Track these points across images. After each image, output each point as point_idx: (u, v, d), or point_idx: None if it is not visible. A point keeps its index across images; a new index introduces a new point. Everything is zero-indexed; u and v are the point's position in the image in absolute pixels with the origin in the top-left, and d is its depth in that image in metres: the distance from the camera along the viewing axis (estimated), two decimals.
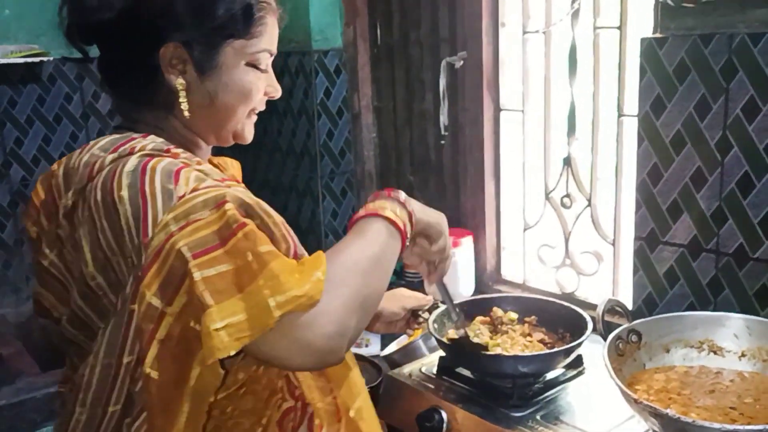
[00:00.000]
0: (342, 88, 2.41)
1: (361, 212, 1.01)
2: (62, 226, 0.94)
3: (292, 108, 2.45)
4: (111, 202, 0.87)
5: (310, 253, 0.93)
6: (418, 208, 1.08)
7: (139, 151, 0.93)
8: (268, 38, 1.04)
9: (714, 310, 1.44)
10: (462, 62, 2.03)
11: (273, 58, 1.07)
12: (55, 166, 1.01)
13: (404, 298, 1.50)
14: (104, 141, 0.97)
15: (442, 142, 2.16)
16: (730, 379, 1.29)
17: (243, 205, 0.88)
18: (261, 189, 2.68)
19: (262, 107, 1.09)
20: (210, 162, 1.13)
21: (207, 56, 0.99)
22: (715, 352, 1.34)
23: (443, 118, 2.10)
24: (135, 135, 0.97)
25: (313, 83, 2.35)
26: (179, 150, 0.97)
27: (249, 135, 1.10)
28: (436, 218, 1.13)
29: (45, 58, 2.31)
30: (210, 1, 0.99)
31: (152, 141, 0.96)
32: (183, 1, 0.97)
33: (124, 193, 0.87)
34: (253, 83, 1.04)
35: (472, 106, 2.02)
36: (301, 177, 2.50)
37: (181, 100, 1.00)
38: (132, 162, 0.90)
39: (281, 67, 2.44)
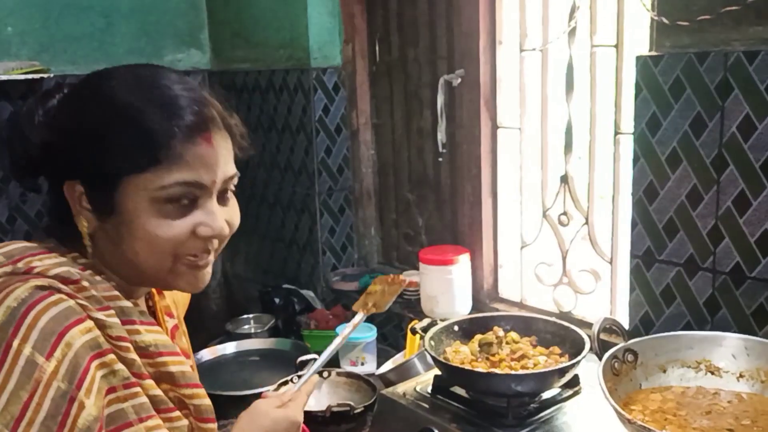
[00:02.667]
0: (340, 105, 2.41)
1: None
2: None
3: (291, 125, 2.45)
4: None
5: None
6: None
7: (38, 274, 0.81)
8: (183, 168, 0.85)
9: (711, 329, 1.43)
10: (460, 80, 2.03)
11: (216, 186, 0.89)
12: None
13: None
14: (11, 247, 0.87)
15: (440, 159, 2.16)
16: (727, 400, 1.27)
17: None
18: (259, 205, 2.68)
19: (205, 249, 0.91)
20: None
21: (101, 196, 0.86)
22: (712, 373, 1.32)
23: (441, 136, 2.10)
24: (50, 249, 0.87)
25: (312, 100, 2.36)
26: (88, 282, 0.84)
27: (190, 286, 0.93)
28: None
29: (46, 75, 2.32)
30: (100, 133, 0.85)
31: (60, 264, 0.84)
32: (78, 136, 0.86)
33: None
34: (160, 228, 0.86)
35: (470, 123, 2.02)
36: (298, 194, 2.50)
37: (85, 242, 0.88)
38: (20, 293, 0.79)
39: (280, 84, 2.45)
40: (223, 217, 0.91)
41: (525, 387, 1.36)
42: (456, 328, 1.60)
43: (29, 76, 2.29)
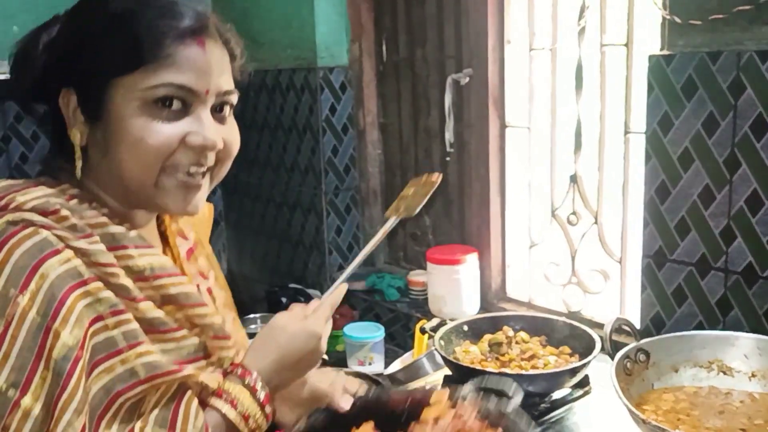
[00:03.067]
0: (347, 104, 2.41)
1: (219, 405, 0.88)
2: None
3: (297, 124, 2.45)
4: None
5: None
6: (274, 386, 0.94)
7: (15, 209, 0.80)
8: (173, 69, 0.84)
9: (723, 329, 1.42)
10: (468, 79, 2.02)
11: (209, 97, 0.88)
12: None
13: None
14: None
15: (448, 159, 2.15)
16: (740, 400, 1.27)
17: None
18: (266, 205, 2.68)
19: (197, 162, 0.87)
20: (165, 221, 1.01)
21: (92, 100, 0.85)
22: (724, 373, 1.32)
23: (449, 135, 2.10)
24: (38, 182, 0.86)
25: (319, 99, 2.35)
26: (70, 210, 0.83)
27: (177, 206, 0.89)
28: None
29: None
30: (91, 35, 0.85)
31: (40, 196, 0.83)
32: (70, 41, 0.86)
33: None
34: (146, 131, 0.83)
35: (478, 123, 2.02)
36: (305, 193, 2.50)
37: (76, 155, 0.86)
38: None
39: (287, 83, 2.44)
40: (220, 134, 0.89)
41: (536, 387, 1.36)
42: (465, 327, 1.59)
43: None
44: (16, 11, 2.37)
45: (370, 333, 1.91)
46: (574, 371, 1.37)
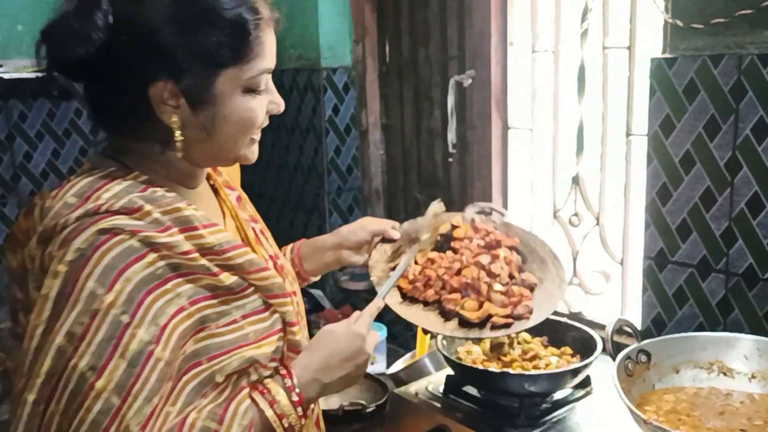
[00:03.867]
0: (350, 105, 2.42)
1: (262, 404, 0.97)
2: (27, 270, 0.93)
3: (300, 124, 2.46)
4: (45, 269, 0.87)
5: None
6: (312, 391, 1.02)
7: (106, 212, 0.89)
8: (265, 57, 0.97)
9: (723, 330, 1.43)
10: (470, 80, 2.03)
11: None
12: (37, 198, 0.98)
13: (368, 223, 1.40)
14: (81, 184, 0.93)
15: (450, 159, 2.16)
16: (740, 401, 1.28)
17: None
18: (269, 204, 2.69)
19: (266, 123, 1.05)
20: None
21: (199, 90, 0.94)
22: (725, 374, 1.33)
23: (451, 136, 2.10)
24: (117, 174, 0.94)
25: (322, 100, 2.36)
26: (150, 202, 0.92)
27: (253, 157, 1.05)
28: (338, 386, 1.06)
29: (56, 73, 2.32)
30: (194, 30, 0.92)
31: (121, 193, 0.92)
32: (167, 34, 0.91)
33: (57, 281, 0.86)
34: (253, 110, 0.98)
35: (480, 124, 2.03)
36: (308, 193, 2.51)
37: (176, 138, 0.95)
38: (88, 236, 0.87)
39: (290, 84, 2.45)
40: None
41: (538, 387, 1.37)
42: None
43: (40, 74, 2.29)
44: (18, 11, 2.38)
45: None
46: (575, 372, 1.38)
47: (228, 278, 0.96)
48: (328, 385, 1.04)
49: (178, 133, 0.95)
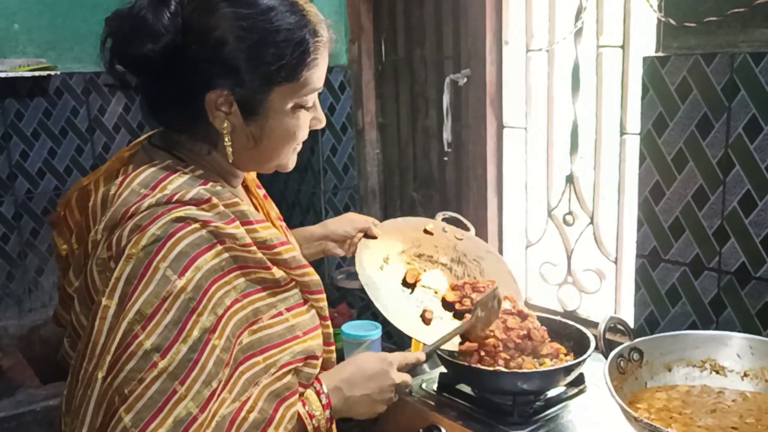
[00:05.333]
0: (346, 104, 2.42)
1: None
2: (89, 254, 0.96)
3: None
4: (120, 253, 0.91)
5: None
6: (335, 399, 1.08)
7: (177, 201, 0.93)
8: (318, 76, 1.02)
9: (716, 329, 1.44)
10: (466, 80, 2.04)
11: None
12: (90, 185, 1.01)
13: (354, 219, 1.49)
14: (145, 174, 0.97)
15: (446, 158, 2.17)
16: (732, 399, 1.28)
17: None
18: None
19: (306, 137, 1.09)
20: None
21: (253, 102, 0.98)
22: (717, 372, 1.34)
23: (446, 135, 2.11)
24: (175, 167, 0.99)
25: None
26: (215, 196, 0.96)
27: (292, 165, 1.10)
28: (366, 409, 1.13)
29: (52, 72, 2.32)
30: (260, 48, 0.96)
31: (191, 182, 0.97)
32: (233, 48, 0.94)
33: (130, 264, 0.89)
34: (299, 125, 1.03)
35: (476, 123, 2.03)
36: (304, 192, 2.51)
37: (226, 143, 1.00)
38: (164, 223, 0.91)
39: None
40: None
41: (531, 385, 1.37)
42: None
43: (36, 74, 2.30)
44: (16, 9, 2.38)
45: (367, 331, 1.92)
46: (568, 370, 1.39)
47: (277, 272, 1.01)
48: (350, 399, 1.08)
49: (227, 138, 0.99)
